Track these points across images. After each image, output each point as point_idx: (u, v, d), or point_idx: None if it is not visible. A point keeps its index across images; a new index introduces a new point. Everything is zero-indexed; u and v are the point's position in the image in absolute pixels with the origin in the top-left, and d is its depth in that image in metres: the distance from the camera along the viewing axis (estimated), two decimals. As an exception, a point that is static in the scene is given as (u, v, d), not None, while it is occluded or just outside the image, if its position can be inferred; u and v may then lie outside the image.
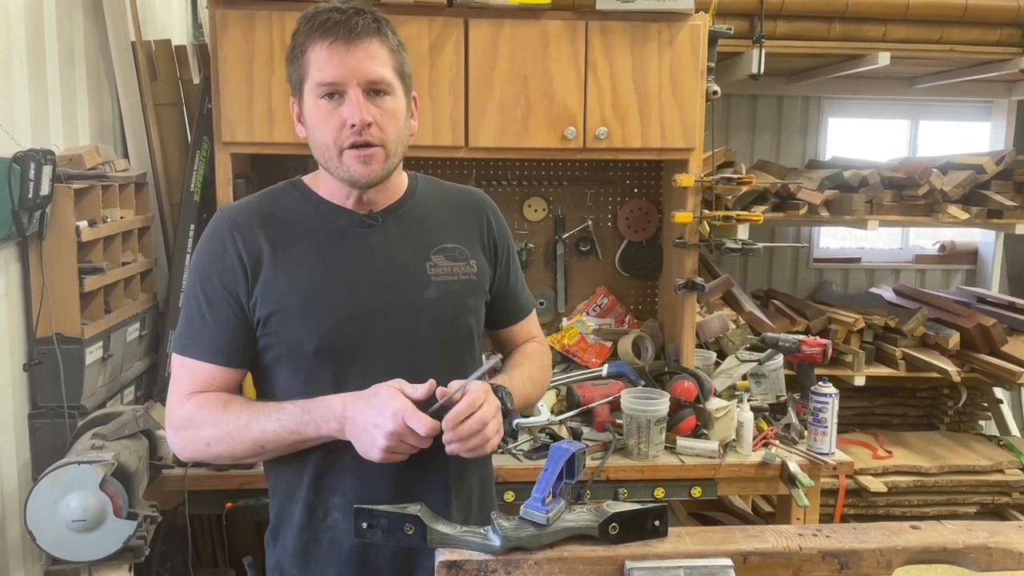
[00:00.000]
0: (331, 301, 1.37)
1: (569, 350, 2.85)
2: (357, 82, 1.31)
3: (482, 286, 1.50)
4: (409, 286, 1.41)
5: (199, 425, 1.36)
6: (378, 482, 1.37)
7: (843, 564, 1.07)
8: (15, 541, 2.02)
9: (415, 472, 1.37)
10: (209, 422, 1.35)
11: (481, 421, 1.27)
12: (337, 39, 1.30)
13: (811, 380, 2.48)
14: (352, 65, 1.31)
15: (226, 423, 1.34)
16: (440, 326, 1.42)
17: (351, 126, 1.31)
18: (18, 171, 1.91)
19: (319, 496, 1.41)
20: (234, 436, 1.33)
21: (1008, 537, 1.11)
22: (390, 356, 1.38)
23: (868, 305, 3.60)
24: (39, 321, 2.07)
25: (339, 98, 1.32)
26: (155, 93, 2.70)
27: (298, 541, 1.43)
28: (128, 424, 1.96)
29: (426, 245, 1.44)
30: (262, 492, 2.13)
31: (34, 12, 2.14)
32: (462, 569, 1.02)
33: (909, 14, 3.04)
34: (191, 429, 1.37)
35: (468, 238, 1.49)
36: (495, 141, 2.49)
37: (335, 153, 1.34)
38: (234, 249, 1.38)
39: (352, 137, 1.32)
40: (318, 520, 1.41)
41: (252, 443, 1.33)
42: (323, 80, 1.32)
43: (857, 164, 3.68)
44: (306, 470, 1.40)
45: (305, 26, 1.34)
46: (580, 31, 2.48)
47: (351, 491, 1.38)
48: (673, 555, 1.05)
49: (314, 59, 1.32)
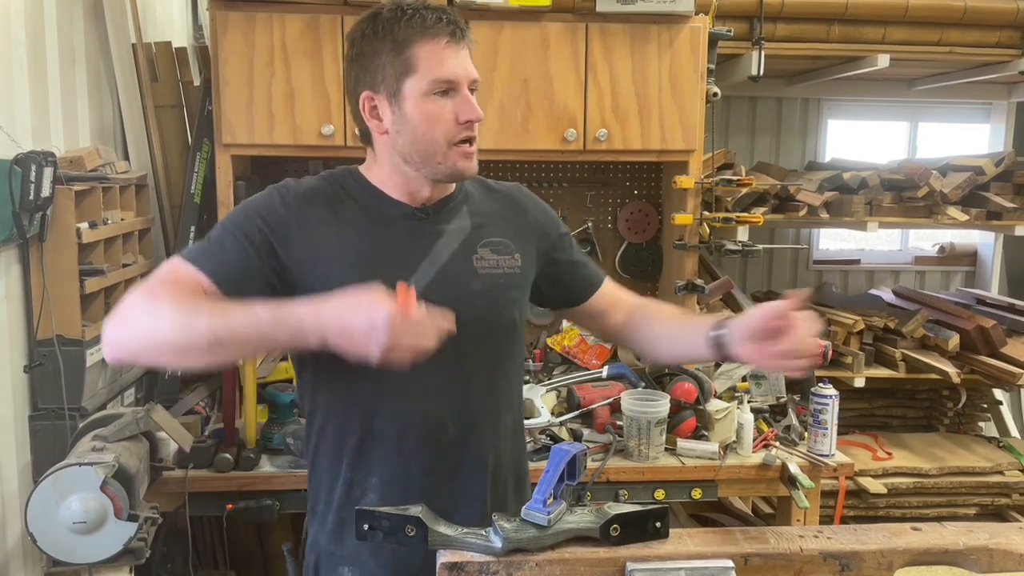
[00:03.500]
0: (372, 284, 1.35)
1: (569, 352, 2.85)
2: (467, 81, 1.38)
3: (527, 279, 1.52)
4: (455, 277, 1.42)
5: (158, 298, 1.25)
6: (414, 468, 1.40)
7: (844, 565, 1.08)
8: (15, 543, 2.02)
9: (451, 460, 1.41)
10: (170, 298, 1.24)
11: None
12: (452, 39, 1.36)
13: (811, 382, 2.48)
14: (464, 64, 1.38)
15: (188, 303, 1.23)
16: (484, 317, 1.43)
17: (465, 122, 1.36)
18: (19, 173, 1.91)
19: (356, 475, 1.43)
20: (193, 318, 1.21)
21: (1009, 539, 1.11)
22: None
23: (868, 307, 3.59)
24: (40, 323, 2.07)
25: (447, 96, 1.36)
26: (156, 95, 2.70)
27: (336, 519, 1.45)
28: (129, 426, 1.96)
29: (473, 238, 1.46)
30: (262, 494, 2.16)
31: (35, 14, 2.14)
32: (464, 570, 1.03)
33: (908, 16, 3.04)
34: (146, 304, 1.25)
35: (513, 231, 1.51)
36: (495, 143, 2.49)
37: (443, 148, 1.37)
38: (286, 210, 1.38)
39: (465, 132, 1.38)
40: (355, 499, 1.42)
41: (208, 331, 1.19)
42: (442, 77, 1.35)
43: (857, 166, 3.68)
44: (346, 451, 1.42)
45: (404, 22, 1.35)
46: (580, 33, 2.48)
47: (387, 472, 1.41)
48: (674, 557, 1.05)
49: (426, 56, 1.35)
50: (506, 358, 1.49)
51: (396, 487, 1.40)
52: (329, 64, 2.39)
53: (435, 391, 1.40)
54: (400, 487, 1.40)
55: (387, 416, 1.40)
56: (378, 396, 1.40)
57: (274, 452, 2.25)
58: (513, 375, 1.53)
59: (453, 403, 1.42)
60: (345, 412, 1.42)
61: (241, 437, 2.24)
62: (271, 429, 2.26)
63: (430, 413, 1.41)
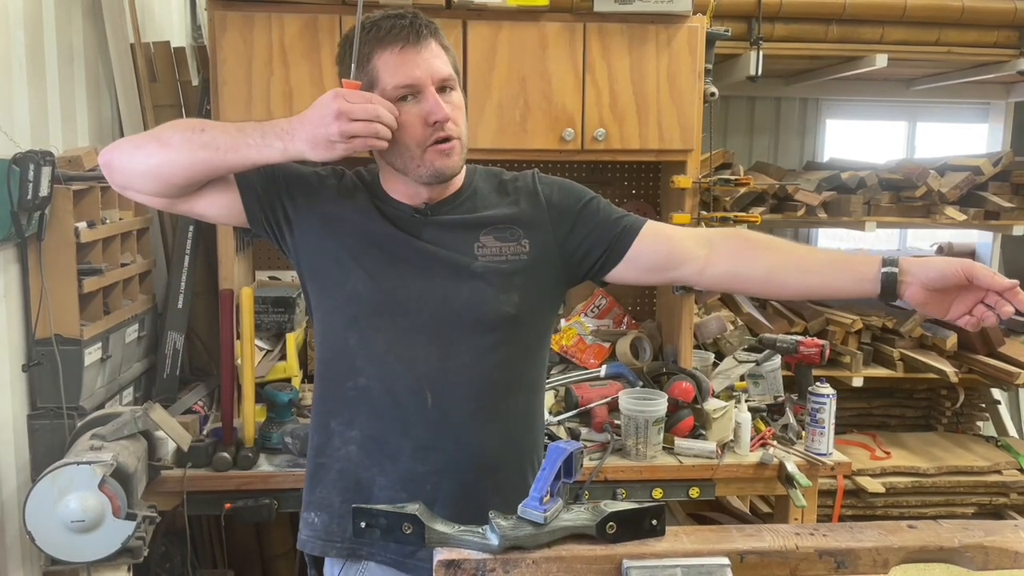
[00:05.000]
0: (368, 274, 1.44)
1: (567, 351, 2.85)
2: (431, 81, 1.37)
3: (538, 264, 1.47)
4: (453, 262, 1.44)
5: (159, 128, 1.44)
6: (392, 430, 1.44)
7: (839, 563, 1.08)
8: (14, 541, 2.02)
9: (429, 431, 1.44)
10: (174, 123, 1.43)
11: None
12: (407, 43, 1.37)
13: (809, 381, 2.49)
14: (425, 65, 1.37)
15: (188, 123, 1.42)
16: (480, 302, 1.43)
17: (434, 123, 1.37)
18: (17, 172, 1.91)
19: (339, 426, 1.48)
20: (185, 129, 1.39)
21: (1004, 536, 1.11)
22: (425, 321, 1.43)
23: (866, 306, 3.60)
24: (38, 322, 2.07)
25: (414, 99, 1.37)
26: (154, 95, 2.70)
27: (312, 464, 1.52)
28: (127, 425, 1.96)
29: (476, 227, 1.47)
30: (261, 493, 2.16)
31: (33, 14, 2.14)
32: (460, 568, 1.03)
33: (906, 16, 3.05)
34: (147, 134, 1.46)
35: (523, 218, 1.49)
36: (493, 142, 2.49)
37: (418, 152, 1.39)
38: (324, 183, 1.49)
39: (436, 133, 1.38)
40: (335, 449, 1.48)
41: (201, 143, 1.36)
42: (400, 83, 1.36)
43: (855, 166, 3.69)
44: (331, 401, 1.49)
45: (364, 36, 1.37)
46: (578, 33, 2.49)
47: (367, 428, 1.45)
48: (670, 554, 1.05)
49: (384, 65, 1.37)
50: (505, 343, 1.46)
51: (374, 444, 1.45)
52: (327, 64, 2.38)
53: (421, 362, 1.43)
54: (378, 444, 1.45)
55: (371, 375, 1.44)
56: (366, 354, 1.44)
57: (272, 451, 2.25)
58: (516, 361, 1.49)
59: (435, 378, 1.43)
60: (336, 364, 1.48)
61: (239, 436, 2.25)
62: (269, 428, 2.27)
63: (411, 382, 1.43)
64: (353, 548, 1.48)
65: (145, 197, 1.44)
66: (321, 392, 1.53)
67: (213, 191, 1.44)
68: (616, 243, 1.48)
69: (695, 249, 1.47)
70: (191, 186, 1.41)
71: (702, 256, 1.46)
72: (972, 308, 1.32)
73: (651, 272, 1.52)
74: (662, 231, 1.51)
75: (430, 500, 1.39)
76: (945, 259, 1.33)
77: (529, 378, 1.53)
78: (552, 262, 1.49)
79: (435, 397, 1.43)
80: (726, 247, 1.47)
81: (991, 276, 1.29)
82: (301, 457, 2.16)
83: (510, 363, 1.48)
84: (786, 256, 1.46)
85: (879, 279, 1.34)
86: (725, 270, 1.47)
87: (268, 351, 2.56)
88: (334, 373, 1.49)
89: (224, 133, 1.37)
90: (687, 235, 1.52)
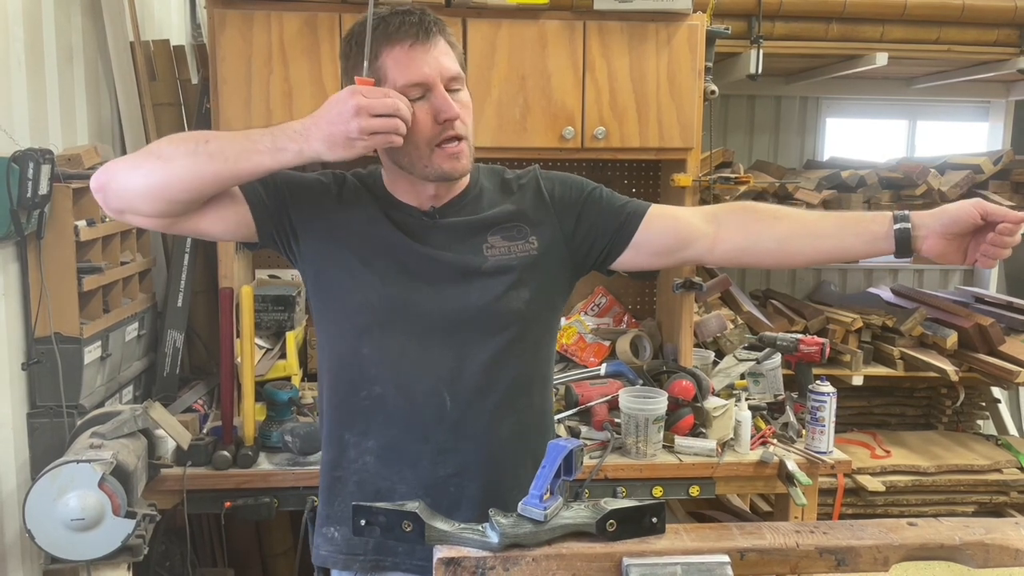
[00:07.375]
0: (378, 278, 1.43)
1: (567, 349, 2.85)
2: (440, 78, 1.35)
3: (547, 260, 1.47)
4: (463, 264, 1.43)
5: (153, 144, 1.36)
6: (411, 437, 1.42)
7: (840, 561, 1.08)
8: (14, 540, 2.02)
9: (449, 435, 1.42)
10: (171, 138, 1.34)
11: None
12: (417, 40, 1.34)
13: (809, 379, 2.49)
14: (435, 63, 1.35)
15: (188, 135, 1.35)
16: (490, 300, 1.42)
17: (444, 121, 1.35)
18: (17, 171, 1.91)
19: (354, 436, 1.46)
20: (187, 142, 1.32)
21: (1005, 534, 1.11)
22: (438, 324, 1.41)
23: (866, 305, 3.60)
24: (38, 320, 2.07)
25: (423, 99, 1.35)
26: (154, 93, 2.70)
27: (328, 478, 1.50)
28: (127, 423, 1.96)
29: (483, 228, 1.45)
30: (260, 492, 2.16)
31: (32, 12, 2.14)
32: (460, 566, 1.03)
33: (906, 14, 3.05)
34: (142, 152, 1.37)
35: (529, 215, 1.48)
36: (493, 141, 2.49)
37: (426, 151, 1.37)
38: (320, 186, 1.47)
39: (445, 131, 1.36)
40: (351, 460, 1.46)
41: (207, 154, 1.30)
42: (410, 81, 1.34)
43: (855, 164, 3.69)
44: (344, 412, 1.46)
45: (373, 33, 1.35)
46: (578, 31, 2.48)
47: (383, 437, 1.43)
48: (670, 552, 1.05)
49: (393, 62, 1.34)
50: (519, 340, 1.45)
51: (392, 452, 1.43)
52: (327, 62, 2.38)
53: (437, 365, 1.41)
54: (396, 452, 1.43)
55: (386, 382, 1.42)
56: (380, 362, 1.42)
57: (272, 450, 2.25)
58: (530, 357, 1.48)
59: (452, 380, 1.42)
60: (346, 374, 1.45)
61: (239, 435, 2.24)
62: (269, 427, 2.26)
63: (428, 386, 1.41)
64: (377, 560, 1.45)
65: (144, 220, 1.36)
66: (331, 404, 1.49)
67: (218, 207, 1.38)
68: (621, 229, 1.46)
69: (703, 227, 1.45)
70: (196, 202, 1.34)
71: (711, 233, 1.44)
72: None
73: (660, 255, 1.50)
74: (667, 212, 1.50)
75: (454, 503, 1.40)
76: (954, 203, 1.31)
77: (542, 373, 1.54)
78: (560, 257, 1.49)
79: (453, 399, 1.42)
80: (734, 221, 1.44)
81: (1003, 210, 1.29)
82: (301, 455, 2.15)
83: (524, 359, 1.47)
84: (796, 223, 1.42)
85: (892, 236, 1.33)
86: (735, 244, 1.44)
87: (268, 349, 2.56)
88: (345, 384, 1.46)
89: (231, 142, 1.31)
90: (693, 213, 1.50)
